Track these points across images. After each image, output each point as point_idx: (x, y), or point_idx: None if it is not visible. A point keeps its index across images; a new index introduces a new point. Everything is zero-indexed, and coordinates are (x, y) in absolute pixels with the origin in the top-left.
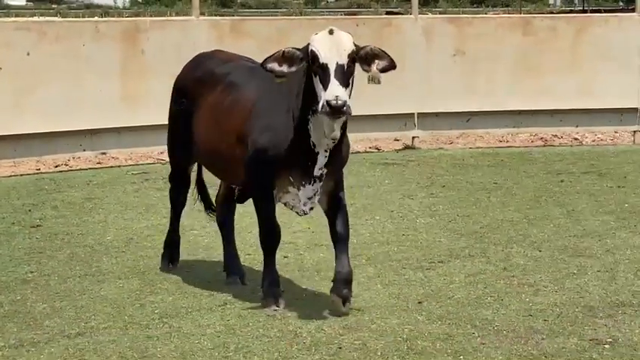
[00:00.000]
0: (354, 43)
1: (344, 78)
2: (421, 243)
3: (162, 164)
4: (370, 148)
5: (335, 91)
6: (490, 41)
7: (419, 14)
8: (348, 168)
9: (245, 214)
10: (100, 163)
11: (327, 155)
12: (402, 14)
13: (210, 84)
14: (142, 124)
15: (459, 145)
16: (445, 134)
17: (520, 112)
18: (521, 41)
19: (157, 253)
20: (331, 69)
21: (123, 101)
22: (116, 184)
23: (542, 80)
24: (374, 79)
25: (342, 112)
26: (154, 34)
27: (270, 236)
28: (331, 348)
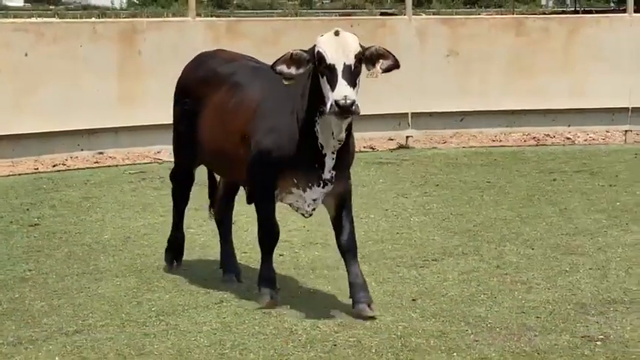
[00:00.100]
0: (360, 44)
1: (351, 78)
2: (415, 241)
3: (159, 164)
4: (365, 147)
5: (343, 91)
6: (483, 42)
7: (413, 15)
8: None
9: (241, 212)
10: (98, 162)
11: (335, 157)
12: (396, 15)
13: (215, 83)
14: (139, 124)
15: (452, 145)
16: (439, 134)
17: (513, 111)
18: (514, 42)
19: (153, 251)
20: (338, 69)
21: (120, 101)
22: (113, 183)
23: (535, 80)
24: (372, 73)
25: (351, 111)
26: (150, 34)
27: (269, 235)
28: (326, 345)
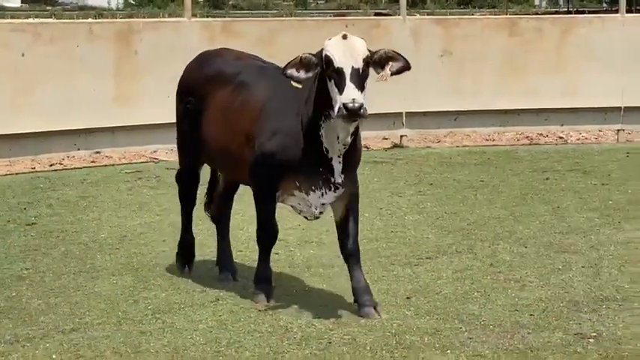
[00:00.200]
0: (368, 48)
1: (359, 81)
2: (409, 240)
3: (156, 163)
4: None
5: (351, 94)
6: (477, 42)
7: (407, 15)
8: None
9: (237, 211)
10: (94, 162)
11: (341, 161)
12: (391, 15)
13: (220, 82)
14: (135, 123)
15: (446, 144)
16: (433, 133)
17: (506, 111)
18: (508, 42)
19: (150, 250)
20: (346, 73)
21: (116, 101)
22: (110, 182)
23: (528, 80)
24: (383, 76)
25: (359, 114)
26: (146, 35)
27: (268, 235)
28: (321, 343)
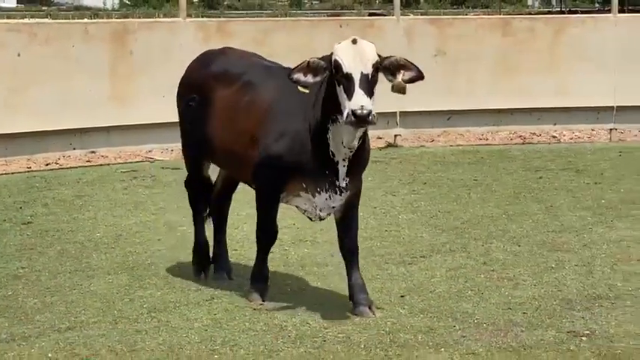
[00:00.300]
0: (378, 53)
1: (369, 87)
2: (403, 238)
3: (151, 162)
4: None
5: (360, 101)
6: (470, 42)
7: (401, 15)
8: None
9: (233, 210)
10: (90, 161)
11: (347, 164)
12: (385, 15)
13: (225, 81)
14: (130, 123)
15: (440, 143)
16: (427, 132)
17: (499, 110)
18: (501, 42)
19: (145, 249)
20: (356, 78)
21: (112, 101)
22: (105, 181)
23: (521, 80)
24: (399, 90)
25: (368, 121)
26: (142, 35)
27: (267, 234)
28: (316, 341)
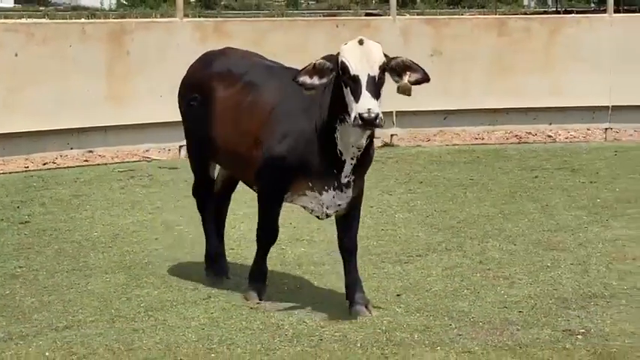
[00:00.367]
0: (384, 53)
1: (375, 90)
2: (399, 237)
3: (148, 162)
4: None
5: (367, 104)
6: (466, 42)
7: (397, 15)
8: None
9: (229, 210)
10: (87, 161)
11: (354, 163)
12: (381, 15)
13: (228, 81)
14: (127, 122)
15: (436, 143)
16: (423, 132)
17: (495, 110)
18: (497, 42)
19: (142, 248)
20: (362, 81)
21: (109, 101)
22: (103, 181)
23: (517, 79)
24: (405, 91)
25: (375, 124)
26: (139, 35)
27: (269, 233)
28: (312, 340)
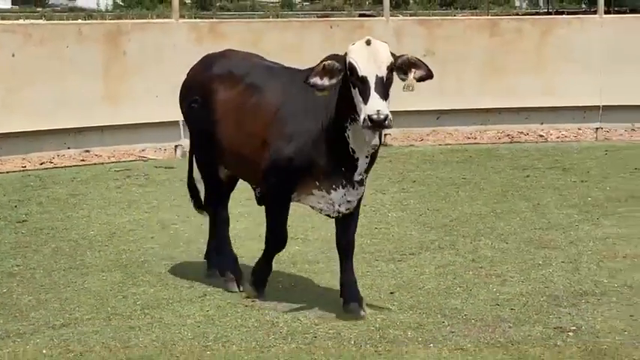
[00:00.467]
0: (390, 52)
1: (384, 90)
2: (393, 236)
3: (144, 161)
4: None
5: (376, 106)
6: (459, 42)
7: (390, 16)
8: None
9: None
10: (84, 160)
11: (369, 160)
12: (374, 16)
13: (231, 82)
14: (124, 122)
15: (429, 142)
16: (416, 132)
17: (487, 110)
18: (489, 42)
19: (138, 246)
20: (371, 82)
21: (105, 101)
22: (99, 180)
23: (509, 80)
24: (409, 86)
25: (384, 126)
26: (135, 35)
27: (279, 242)
28: (307, 337)
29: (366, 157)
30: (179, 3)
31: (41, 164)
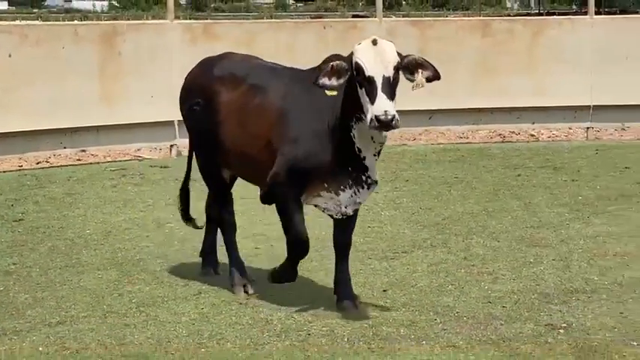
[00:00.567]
0: (397, 52)
1: (390, 91)
2: (386, 234)
3: (139, 160)
4: None
5: (383, 106)
6: (451, 43)
7: (383, 17)
8: None
9: None
10: (80, 160)
11: (377, 158)
12: (367, 17)
13: (232, 84)
14: (119, 122)
15: (421, 142)
16: (408, 131)
17: (479, 110)
18: (481, 43)
19: (134, 245)
20: (378, 82)
21: (101, 101)
22: (95, 179)
23: (501, 80)
24: (418, 85)
25: (391, 126)
26: (130, 36)
27: (301, 244)
28: (301, 334)
29: (374, 155)
30: (174, 4)
31: (37, 164)
